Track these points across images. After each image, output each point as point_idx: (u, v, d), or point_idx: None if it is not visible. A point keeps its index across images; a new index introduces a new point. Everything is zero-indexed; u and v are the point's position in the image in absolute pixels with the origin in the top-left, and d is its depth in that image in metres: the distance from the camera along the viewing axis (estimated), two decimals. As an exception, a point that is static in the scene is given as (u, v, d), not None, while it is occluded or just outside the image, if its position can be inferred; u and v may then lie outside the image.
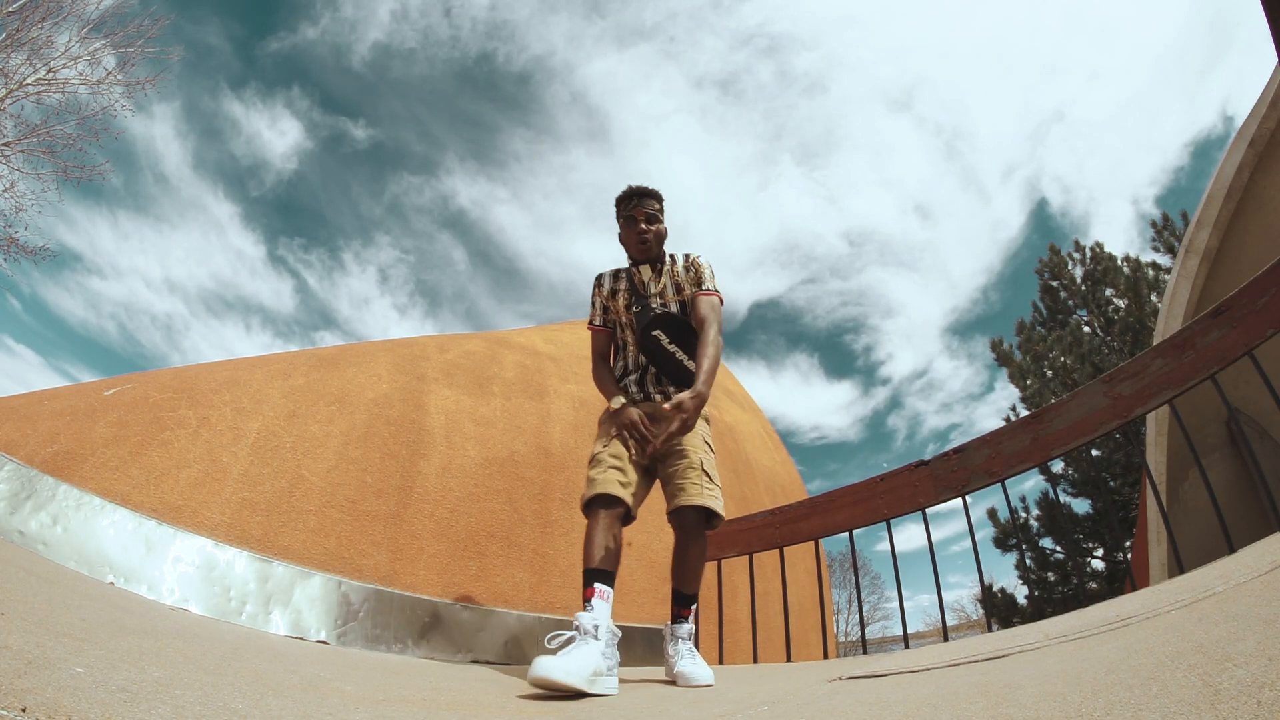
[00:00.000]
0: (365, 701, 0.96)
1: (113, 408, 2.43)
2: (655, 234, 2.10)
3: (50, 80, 10.35)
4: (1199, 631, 0.84)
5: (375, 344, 3.51)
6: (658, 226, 2.12)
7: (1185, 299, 4.48)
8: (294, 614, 2.20)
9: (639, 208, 2.10)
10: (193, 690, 0.77)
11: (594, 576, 1.62)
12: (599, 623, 1.48)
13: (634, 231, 2.09)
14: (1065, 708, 0.65)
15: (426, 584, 2.55)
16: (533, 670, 1.27)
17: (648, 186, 2.14)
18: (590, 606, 1.54)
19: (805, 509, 3.10)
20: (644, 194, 2.12)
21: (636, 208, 2.10)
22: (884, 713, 0.84)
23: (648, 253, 2.10)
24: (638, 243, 2.09)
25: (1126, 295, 10.27)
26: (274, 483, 2.44)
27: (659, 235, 2.12)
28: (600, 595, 1.57)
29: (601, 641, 1.44)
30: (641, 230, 2.08)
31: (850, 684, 1.29)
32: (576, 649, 1.38)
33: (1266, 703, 0.53)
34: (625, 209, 2.12)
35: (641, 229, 2.08)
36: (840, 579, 21.73)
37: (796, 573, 3.91)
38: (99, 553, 1.99)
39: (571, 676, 1.27)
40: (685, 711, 1.17)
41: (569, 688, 1.26)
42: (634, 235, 2.10)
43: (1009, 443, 2.46)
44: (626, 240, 2.14)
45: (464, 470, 2.94)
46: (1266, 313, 1.90)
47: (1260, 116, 4.02)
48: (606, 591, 1.59)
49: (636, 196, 2.11)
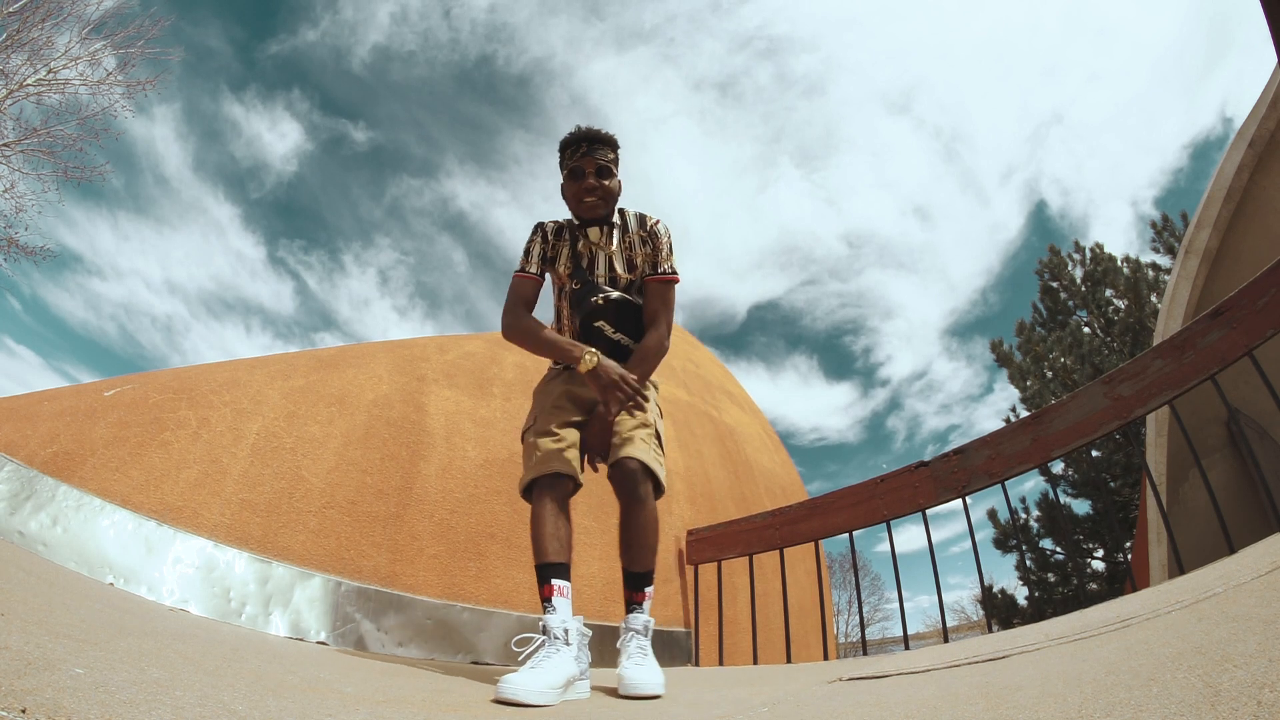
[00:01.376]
0: (365, 703, 0.96)
1: (112, 408, 2.43)
2: (605, 190, 1.72)
3: (50, 81, 10.36)
4: (1199, 632, 0.84)
5: (375, 345, 3.51)
6: (610, 181, 1.73)
7: (1185, 300, 4.48)
8: (294, 615, 2.20)
9: (588, 156, 1.70)
10: (192, 691, 0.77)
11: (550, 572, 1.45)
12: (568, 626, 1.36)
13: (579, 185, 1.71)
14: (1066, 708, 0.65)
15: (426, 585, 2.55)
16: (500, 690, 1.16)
17: (600, 130, 1.74)
18: (552, 607, 1.39)
19: (805, 510, 3.10)
20: (594, 139, 1.73)
21: (584, 156, 1.70)
22: (884, 714, 0.84)
23: (594, 211, 1.72)
24: (583, 201, 1.72)
25: (1126, 296, 10.27)
26: (274, 484, 2.44)
27: (609, 192, 1.73)
28: (560, 592, 1.42)
29: (573, 646, 1.34)
30: (589, 185, 1.70)
31: (850, 685, 1.29)
32: (548, 660, 1.28)
33: (1267, 704, 0.53)
34: (571, 157, 1.73)
35: (590, 184, 1.70)
36: (840, 580, 21.72)
37: (797, 574, 3.91)
38: (99, 554, 1.99)
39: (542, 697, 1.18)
40: (685, 712, 1.17)
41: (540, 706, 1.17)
42: (580, 190, 1.71)
43: (1009, 444, 2.47)
44: (571, 195, 1.76)
45: (464, 471, 2.94)
46: (1266, 313, 1.90)
47: (1260, 117, 4.03)
48: (566, 587, 1.44)
49: (585, 141, 1.72)
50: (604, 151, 1.73)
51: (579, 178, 1.72)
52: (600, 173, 1.71)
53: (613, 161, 1.75)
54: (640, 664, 1.44)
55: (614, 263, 1.76)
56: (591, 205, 1.72)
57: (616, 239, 1.78)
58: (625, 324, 1.73)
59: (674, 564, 3.44)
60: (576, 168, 1.71)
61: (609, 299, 1.70)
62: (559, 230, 1.81)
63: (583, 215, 1.75)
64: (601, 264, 1.76)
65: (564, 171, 1.77)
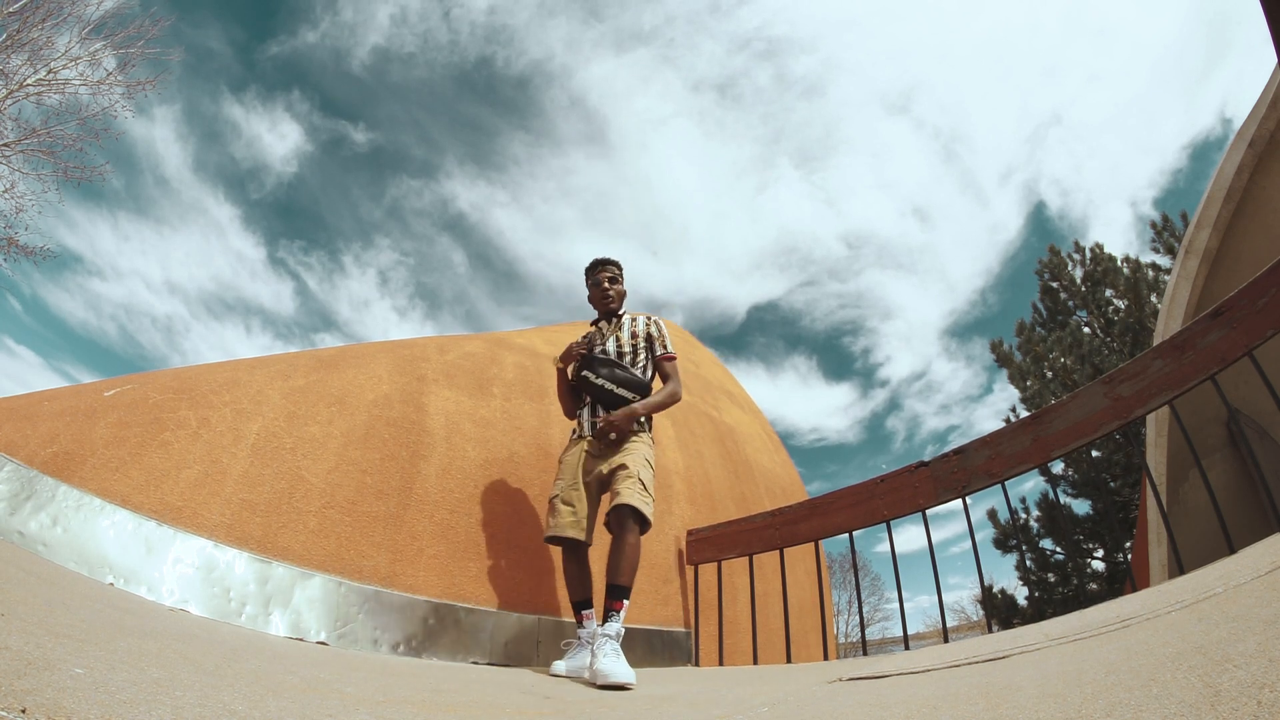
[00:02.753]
0: (365, 703, 0.95)
1: (113, 408, 2.43)
2: (617, 293, 2.68)
3: (50, 81, 10.36)
4: (1199, 632, 0.84)
5: (375, 345, 3.51)
6: (618, 287, 2.70)
7: (1185, 300, 4.48)
8: (294, 615, 2.20)
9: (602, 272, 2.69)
10: (192, 691, 0.77)
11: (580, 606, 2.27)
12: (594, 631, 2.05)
13: (599, 292, 2.67)
14: (1066, 709, 0.65)
15: (426, 585, 2.55)
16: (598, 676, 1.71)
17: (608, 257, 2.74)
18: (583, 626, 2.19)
19: (805, 510, 3.10)
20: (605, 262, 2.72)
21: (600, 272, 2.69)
22: (884, 714, 0.84)
23: (609, 307, 2.66)
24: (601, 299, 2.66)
25: (1126, 296, 10.27)
26: (274, 484, 2.44)
27: (620, 294, 2.70)
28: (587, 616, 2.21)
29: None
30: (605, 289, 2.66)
31: (851, 685, 1.29)
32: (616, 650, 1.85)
33: (1267, 704, 0.53)
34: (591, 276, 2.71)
35: (605, 289, 2.66)
36: (840, 580, 21.72)
37: (796, 574, 3.91)
38: (99, 554, 1.99)
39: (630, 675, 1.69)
40: (685, 712, 1.17)
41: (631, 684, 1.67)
42: (599, 294, 2.67)
43: (1009, 444, 2.47)
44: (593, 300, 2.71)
45: (464, 471, 2.94)
46: (1266, 313, 1.90)
47: (1260, 117, 4.03)
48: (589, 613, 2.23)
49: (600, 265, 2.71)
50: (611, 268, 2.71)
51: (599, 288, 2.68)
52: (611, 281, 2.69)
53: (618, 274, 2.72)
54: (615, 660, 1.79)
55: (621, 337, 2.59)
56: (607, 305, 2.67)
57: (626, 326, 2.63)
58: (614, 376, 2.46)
59: (674, 564, 3.44)
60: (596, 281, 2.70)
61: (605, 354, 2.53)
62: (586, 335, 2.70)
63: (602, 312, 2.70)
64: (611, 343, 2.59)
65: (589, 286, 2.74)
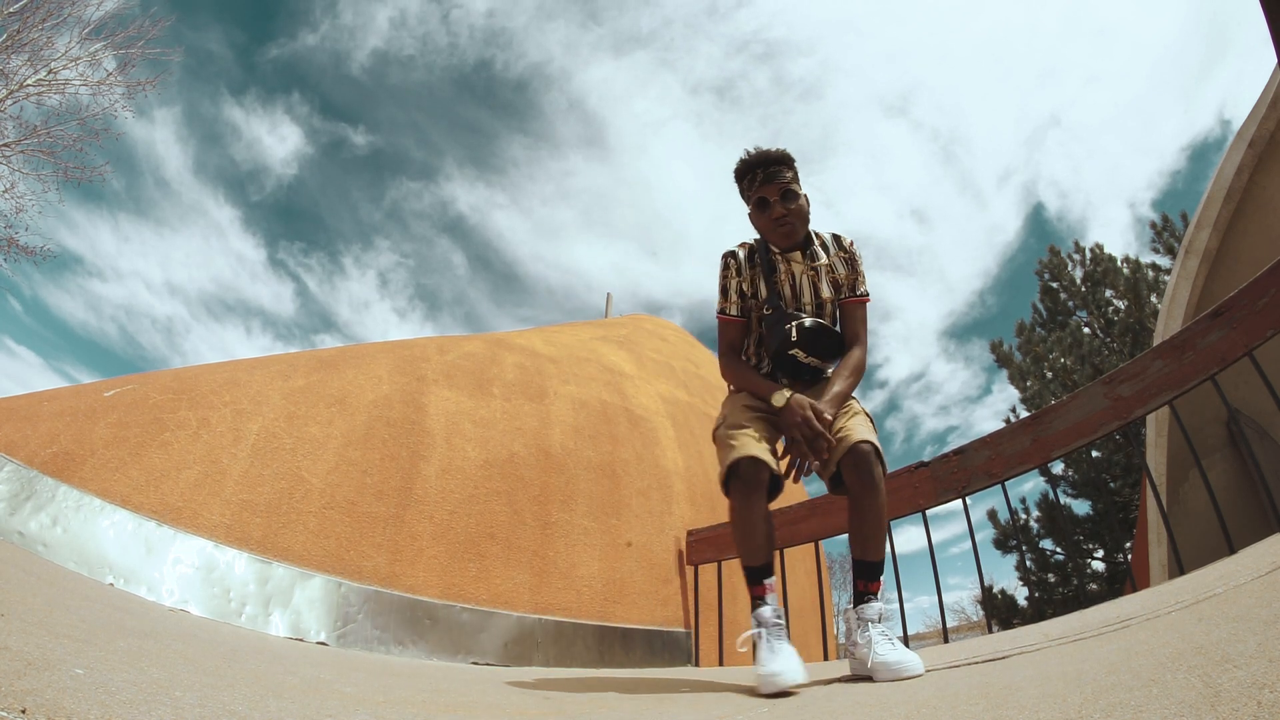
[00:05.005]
0: (365, 703, 0.95)
1: (113, 409, 2.43)
2: (798, 213, 1.68)
3: (50, 81, 10.37)
4: (1199, 633, 0.84)
5: (375, 345, 3.51)
6: (798, 204, 1.68)
7: (1185, 300, 4.48)
8: (294, 615, 2.20)
9: (769, 184, 1.67)
10: (192, 692, 0.77)
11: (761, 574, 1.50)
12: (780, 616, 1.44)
13: (769, 217, 1.68)
14: (1066, 709, 0.65)
15: (426, 585, 2.54)
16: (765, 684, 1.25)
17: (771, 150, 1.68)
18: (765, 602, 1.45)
19: (805, 510, 3.10)
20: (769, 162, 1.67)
21: (765, 184, 1.67)
22: (884, 714, 0.84)
23: (792, 239, 1.70)
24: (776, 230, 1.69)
25: (1126, 296, 10.28)
26: (274, 484, 2.44)
27: (802, 214, 1.70)
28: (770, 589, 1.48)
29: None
30: (780, 216, 1.66)
31: (850, 685, 1.29)
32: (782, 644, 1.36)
33: (1267, 704, 0.53)
34: (750, 187, 1.71)
35: (780, 214, 1.66)
36: (840, 580, 21.71)
37: (797, 574, 3.91)
38: (99, 554, 1.99)
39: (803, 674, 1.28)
40: (687, 712, 1.17)
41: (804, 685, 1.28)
42: (771, 222, 1.68)
43: (1009, 444, 2.47)
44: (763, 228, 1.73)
45: (464, 471, 2.93)
46: (1266, 314, 1.90)
47: (1260, 117, 4.03)
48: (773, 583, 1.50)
49: (759, 167, 1.68)
50: (783, 172, 1.67)
51: (766, 208, 1.67)
52: (786, 197, 1.66)
53: (793, 180, 1.69)
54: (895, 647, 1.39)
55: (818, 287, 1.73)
56: (787, 233, 1.68)
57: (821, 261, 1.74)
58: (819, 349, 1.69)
59: (674, 564, 3.44)
60: (761, 198, 1.67)
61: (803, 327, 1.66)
62: (751, 255, 1.77)
63: (781, 245, 1.71)
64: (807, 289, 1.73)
65: (748, 202, 1.74)
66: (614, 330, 5.96)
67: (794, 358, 1.68)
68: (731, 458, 1.53)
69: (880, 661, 1.34)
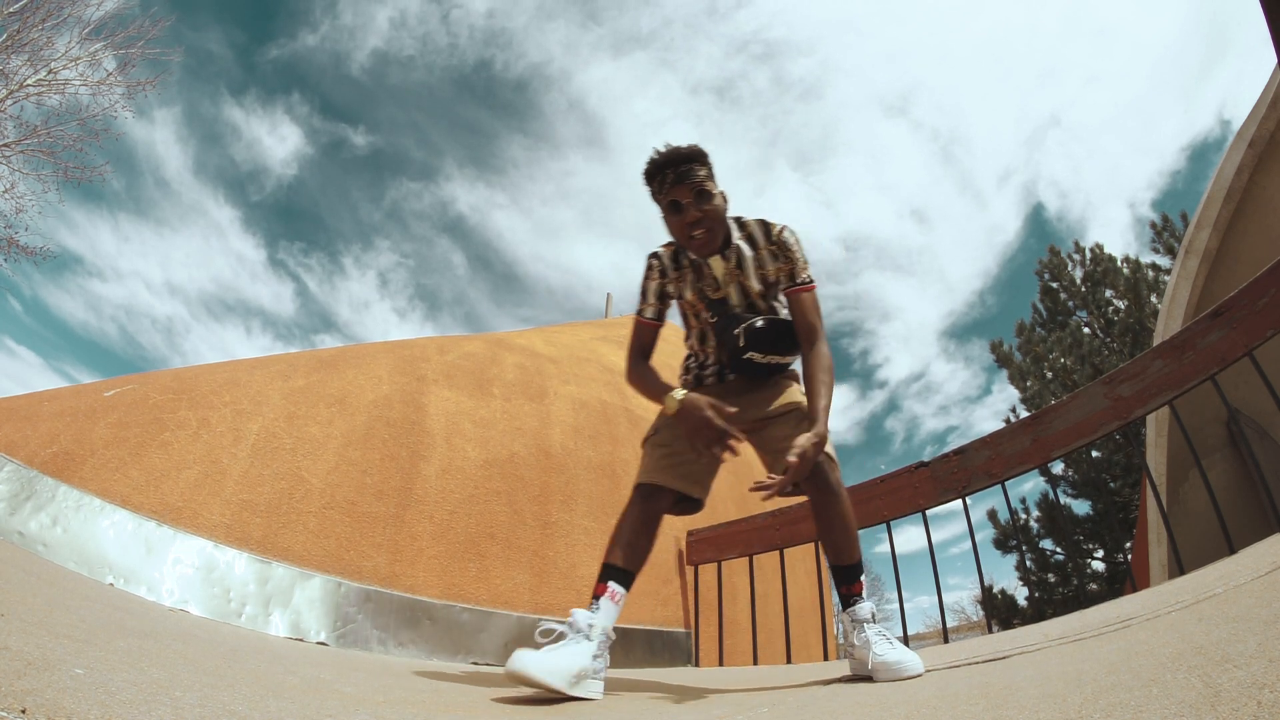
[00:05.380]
0: (365, 703, 0.95)
1: (113, 409, 2.43)
2: (713, 214, 1.51)
3: (50, 81, 10.37)
4: (1199, 633, 0.84)
5: (375, 345, 3.51)
6: (714, 204, 1.51)
7: (1185, 300, 4.49)
8: (294, 615, 2.20)
9: (681, 185, 1.49)
10: (193, 692, 0.77)
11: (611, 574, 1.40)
12: (594, 623, 1.31)
13: (683, 222, 1.51)
14: (1066, 709, 0.65)
15: (426, 585, 2.54)
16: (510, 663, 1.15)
17: (682, 147, 1.50)
18: (596, 606, 1.36)
19: (805, 510, 3.10)
20: (680, 160, 1.49)
21: (677, 186, 1.49)
22: (884, 714, 0.84)
23: (710, 248, 1.55)
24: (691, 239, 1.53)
25: (1126, 296, 10.28)
26: (274, 484, 2.44)
27: (718, 215, 1.53)
28: (611, 596, 1.37)
29: (594, 643, 1.29)
30: (695, 219, 1.50)
31: (851, 685, 1.29)
32: (564, 647, 1.25)
33: (1267, 704, 0.53)
34: (661, 189, 1.53)
35: (695, 216, 1.50)
36: (840, 580, 21.66)
37: (797, 574, 3.91)
38: (99, 554, 1.99)
39: (551, 676, 1.14)
40: (687, 712, 1.17)
41: (546, 686, 1.14)
42: (685, 227, 1.52)
43: (1009, 444, 2.47)
44: (678, 235, 1.57)
45: (464, 472, 2.94)
46: (1266, 314, 1.90)
47: (1260, 117, 4.03)
48: (619, 593, 1.38)
49: (671, 166, 1.49)
50: (695, 170, 1.50)
51: (679, 211, 1.51)
52: (700, 198, 1.50)
53: (707, 177, 1.52)
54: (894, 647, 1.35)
55: (746, 287, 1.61)
56: (704, 242, 1.53)
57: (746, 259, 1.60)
58: (779, 344, 1.61)
59: (674, 564, 3.44)
60: (673, 200, 1.51)
61: (753, 328, 1.57)
62: (676, 257, 1.65)
63: (699, 252, 1.57)
64: (734, 292, 1.61)
65: (660, 205, 1.56)
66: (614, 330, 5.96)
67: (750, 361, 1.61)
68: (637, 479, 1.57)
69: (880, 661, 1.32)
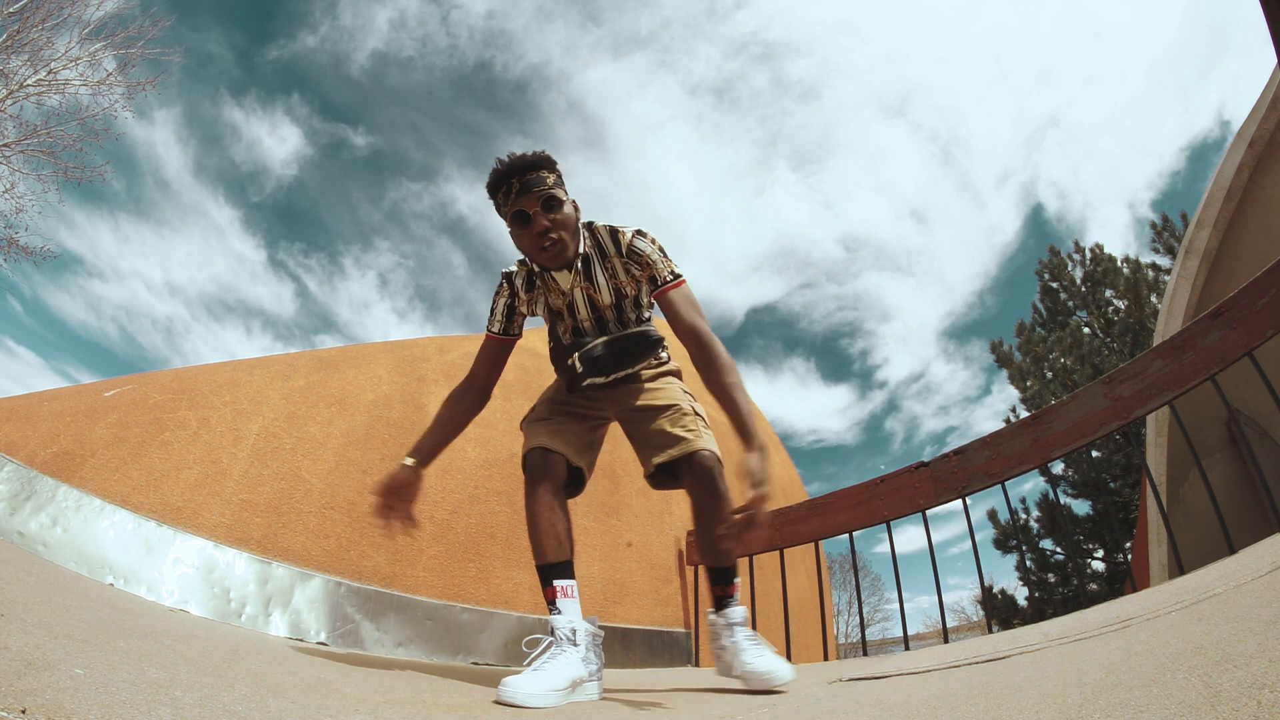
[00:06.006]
0: (365, 703, 0.95)
1: (113, 409, 2.43)
2: (563, 223, 1.42)
3: (50, 82, 10.37)
4: (1199, 633, 0.84)
5: (375, 346, 3.51)
6: (563, 213, 1.42)
7: (1185, 300, 4.48)
8: (294, 615, 2.20)
9: (527, 194, 1.38)
10: (193, 692, 0.77)
11: (551, 573, 1.37)
12: (574, 626, 1.30)
13: (531, 233, 1.41)
14: (1066, 709, 0.65)
15: (426, 586, 2.55)
16: (500, 692, 1.14)
17: (527, 155, 1.40)
18: (557, 609, 1.33)
19: (805, 510, 3.10)
20: (525, 168, 1.39)
21: (523, 195, 1.39)
22: (884, 714, 0.84)
23: (561, 259, 1.45)
24: (540, 252, 1.43)
25: (1126, 296, 10.28)
26: (274, 484, 2.44)
27: (569, 224, 1.43)
28: (564, 593, 1.35)
29: (581, 646, 1.28)
30: (543, 229, 1.40)
31: (850, 686, 1.29)
32: (552, 661, 1.24)
33: (1267, 704, 0.53)
34: (506, 200, 1.41)
35: (543, 226, 1.40)
36: (840, 580, 21.71)
37: (796, 574, 3.91)
38: (99, 554, 1.99)
39: (543, 699, 1.14)
40: (687, 712, 1.17)
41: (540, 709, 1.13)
42: (533, 239, 1.42)
43: (1009, 444, 2.47)
44: (526, 248, 1.46)
45: (464, 471, 2.94)
46: (1266, 314, 1.90)
47: (1260, 117, 4.03)
48: (570, 586, 1.36)
49: (516, 175, 1.39)
50: (542, 179, 1.40)
51: (526, 222, 1.41)
52: (548, 206, 1.40)
53: (555, 184, 1.42)
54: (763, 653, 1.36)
55: (595, 299, 1.52)
56: (554, 254, 1.44)
57: (595, 269, 1.51)
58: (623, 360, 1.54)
59: (674, 564, 3.44)
60: (519, 212, 1.40)
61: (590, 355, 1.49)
62: (530, 278, 1.56)
63: (550, 265, 1.47)
64: (582, 306, 1.52)
65: (506, 219, 1.45)
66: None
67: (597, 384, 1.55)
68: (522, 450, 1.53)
69: (750, 670, 1.34)
